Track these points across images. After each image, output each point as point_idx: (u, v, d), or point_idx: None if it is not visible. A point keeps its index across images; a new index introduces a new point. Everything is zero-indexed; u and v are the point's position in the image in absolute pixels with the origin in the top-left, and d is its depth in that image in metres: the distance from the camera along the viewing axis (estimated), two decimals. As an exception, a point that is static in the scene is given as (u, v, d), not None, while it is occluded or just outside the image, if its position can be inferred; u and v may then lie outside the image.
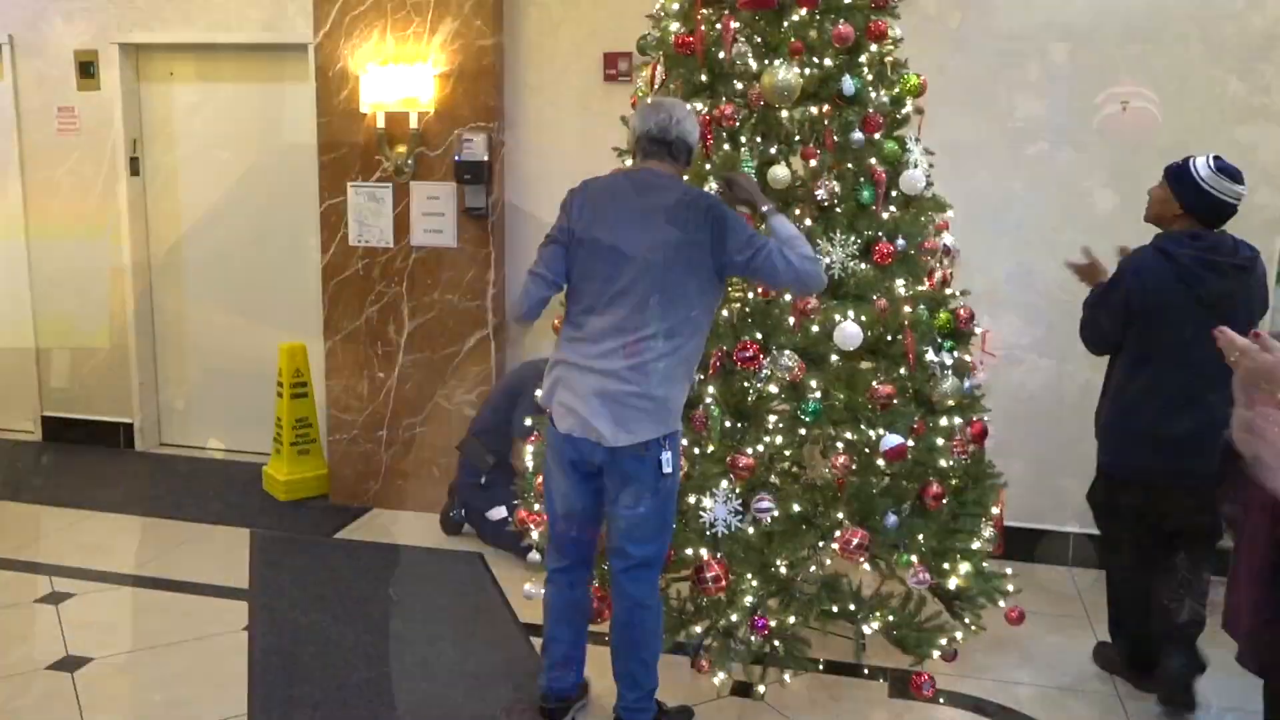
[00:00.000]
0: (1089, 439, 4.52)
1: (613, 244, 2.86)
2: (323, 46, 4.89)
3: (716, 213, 2.87)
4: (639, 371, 2.83)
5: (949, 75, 4.42)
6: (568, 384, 2.91)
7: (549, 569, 3.11)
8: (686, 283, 2.85)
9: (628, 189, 2.95)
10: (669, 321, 2.84)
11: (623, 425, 2.83)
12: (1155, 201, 3.41)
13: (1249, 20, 4.16)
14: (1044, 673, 3.64)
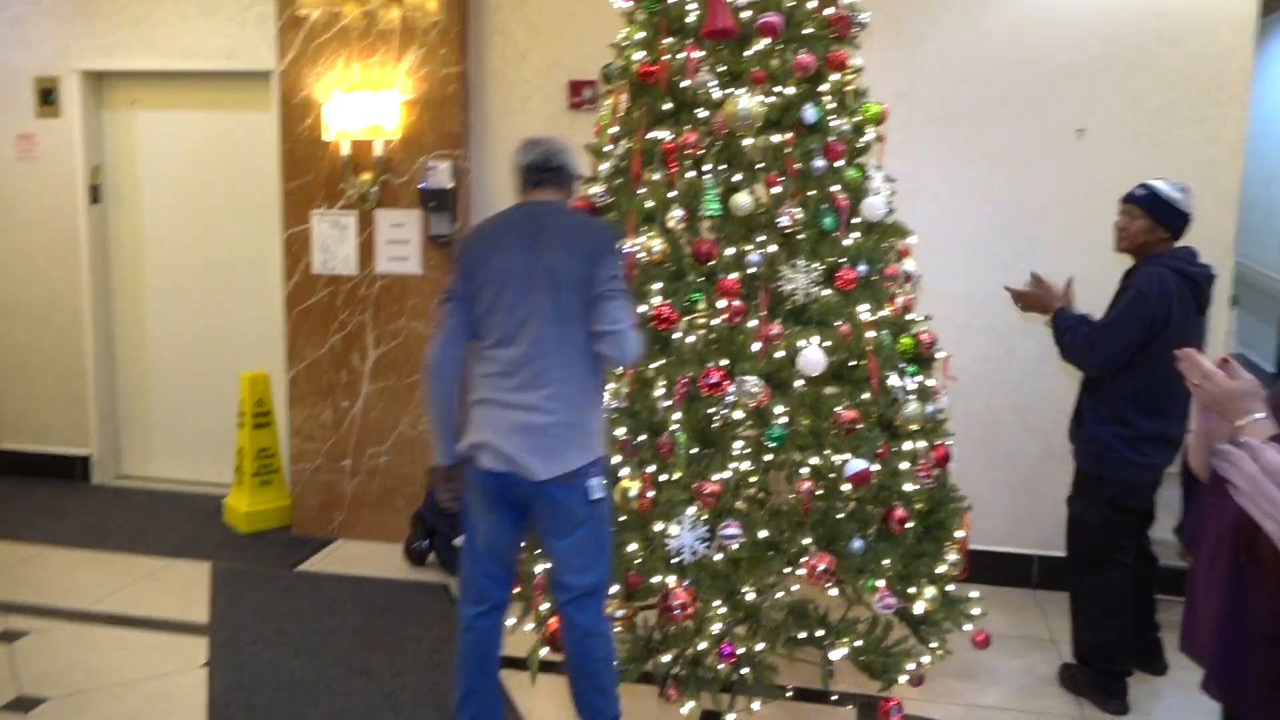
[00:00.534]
0: (1051, 461, 4.58)
1: (511, 274, 2.88)
2: (286, 74, 4.88)
3: (605, 238, 2.95)
4: (557, 399, 2.85)
5: (909, 103, 4.48)
6: (490, 422, 2.89)
7: (466, 616, 3.02)
8: (583, 306, 2.89)
9: (518, 219, 2.99)
10: (575, 345, 2.88)
11: (550, 457, 2.83)
12: (1136, 231, 3.54)
13: (1197, 49, 4.26)
14: (1011, 696, 3.66)
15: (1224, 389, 1.76)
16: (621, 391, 3.32)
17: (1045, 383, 4.54)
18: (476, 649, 3.03)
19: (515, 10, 4.86)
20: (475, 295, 2.94)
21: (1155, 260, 3.47)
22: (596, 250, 2.91)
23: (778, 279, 3.32)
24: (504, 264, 2.90)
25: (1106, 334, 3.44)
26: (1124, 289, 3.51)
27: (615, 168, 3.56)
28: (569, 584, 2.93)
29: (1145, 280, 3.42)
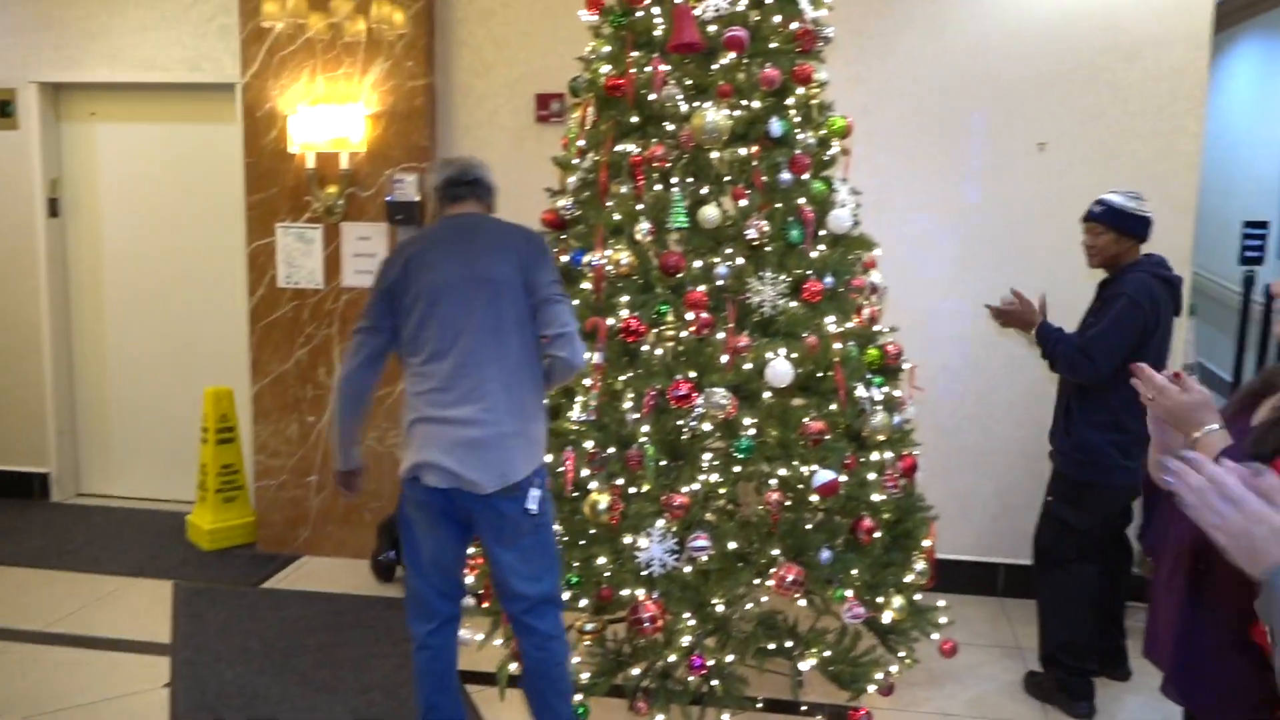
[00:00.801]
0: (1016, 470, 4.63)
1: (443, 287, 2.87)
2: (250, 86, 4.85)
3: (536, 243, 2.98)
4: (497, 411, 2.84)
5: (874, 117, 4.52)
6: (431, 440, 2.85)
7: (419, 635, 3.00)
8: (519, 313, 2.91)
9: (446, 233, 2.99)
10: (513, 354, 2.89)
11: (494, 469, 2.82)
12: (1105, 246, 3.61)
13: (1154, 65, 4.34)
14: (978, 704, 3.68)
15: (1177, 402, 1.77)
16: (590, 404, 3.31)
17: (1009, 393, 4.59)
18: (434, 666, 3.01)
19: (482, 24, 4.86)
20: (404, 312, 2.91)
21: (1135, 268, 3.56)
22: (532, 256, 2.94)
23: (745, 291, 3.34)
24: (435, 278, 2.88)
25: (1102, 342, 3.49)
26: (1112, 298, 3.54)
27: (583, 181, 3.57)
28: (523, 593, 2.92)
29: (1133, 286, 3.49)
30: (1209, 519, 1.15)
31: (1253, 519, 1.11)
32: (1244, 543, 1.12)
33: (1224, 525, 1.13)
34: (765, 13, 3.44)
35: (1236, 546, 1.13)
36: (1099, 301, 3.62)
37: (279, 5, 4.64)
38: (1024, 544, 4.66)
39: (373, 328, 2.97)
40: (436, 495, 2.86)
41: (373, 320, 2.97)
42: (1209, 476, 1.15)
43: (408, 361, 2.95)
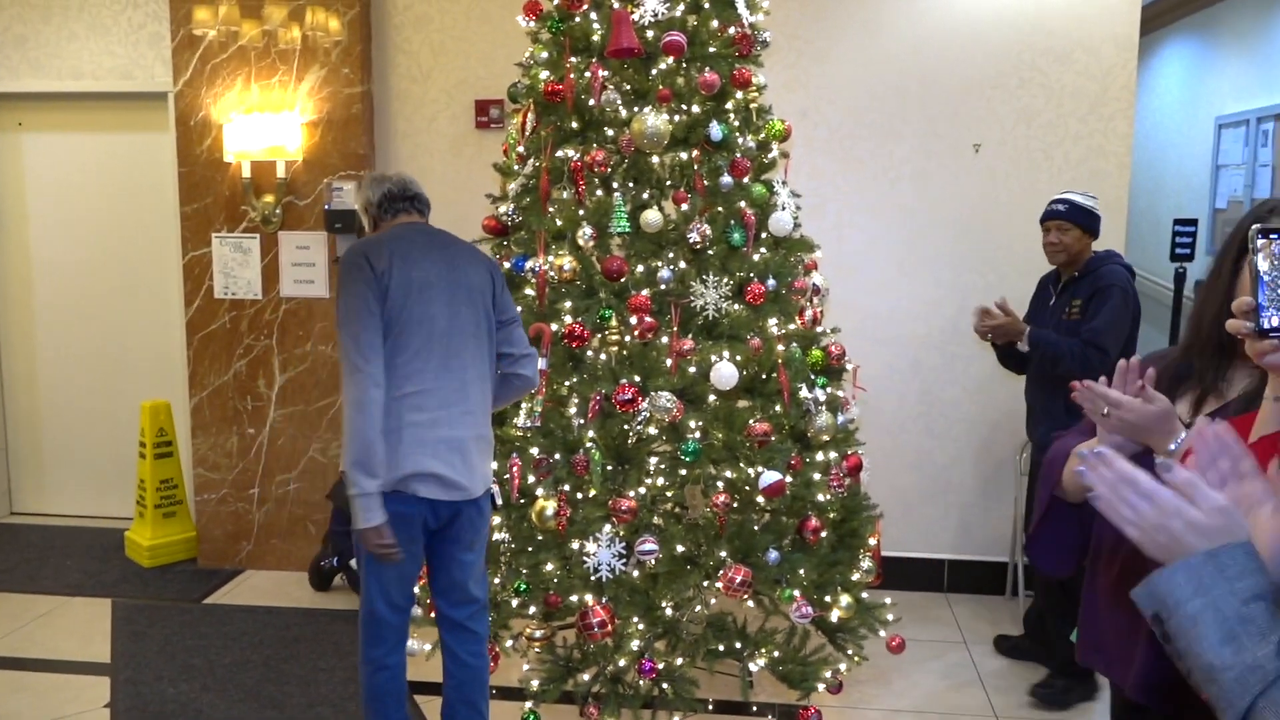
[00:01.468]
0: (958, 467, 4.70)
1: (432, 285, 2.84)
2: (183, 95, 4.76)
3: (494, 267, 3.02)
4: (477, 414, 2.88)
5: (812, 120, 4.57)
6: (422, 447, 2.76)
7: (378, 658, 2.92)
8: (490, 321, 2.96)
9: (419, 234, 2.95)
10: (485, 359, 2.93)
11: (480, 471, 2.89)
12: (1072, 243, 3.72)
13: (1085, 67, 4.43)
14: (926, 698, 3.73)
15: (1142, 414, 1.66)
16: (535, 410, 3.30)
17: (949, 391, 4.66)
18: (394, 684, 2.96)
19: (419, 30, 4.82)
20: (390, 304, 2.77)
21: (1106, 262, 3.68)
22: (497, 275, 3.00)
23: (688, 295, 3.35)
24: (422, 275, 2.82)
25: (1111, 333, 3.58)
26: (1101, 291, 3.61)
27: (524, 187, 3.55)
28: (477, 596, 2.98)
29: (1120, 279, 3.62)
30: (1123, 514, 1.16)
31: (1167, 513, 1.13)
32: (1160, 537, 1.13)
33: (1137, 520, 1.15)
34: (703, 18, 3.46)
35: (1152, 541, 1.15)
36: (1075, 298, 3.68)
37: (211, 13, 4.57)
38: (968, 540, 4.74)
39: (375, 322, 2.74)
40: (422, 506, 2.80)
41: (371, 315, 2.74)
42: (1119, 474, 1.17)
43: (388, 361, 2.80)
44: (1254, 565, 1.09)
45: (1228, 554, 1.09)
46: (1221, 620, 1.07)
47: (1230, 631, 1.06)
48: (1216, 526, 1.11)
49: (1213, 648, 1.07)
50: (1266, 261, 1.35)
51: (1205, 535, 1.11)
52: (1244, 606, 1.07)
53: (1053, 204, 3.74)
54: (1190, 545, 1.11)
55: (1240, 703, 1.05)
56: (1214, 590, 1.08)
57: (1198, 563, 1.10)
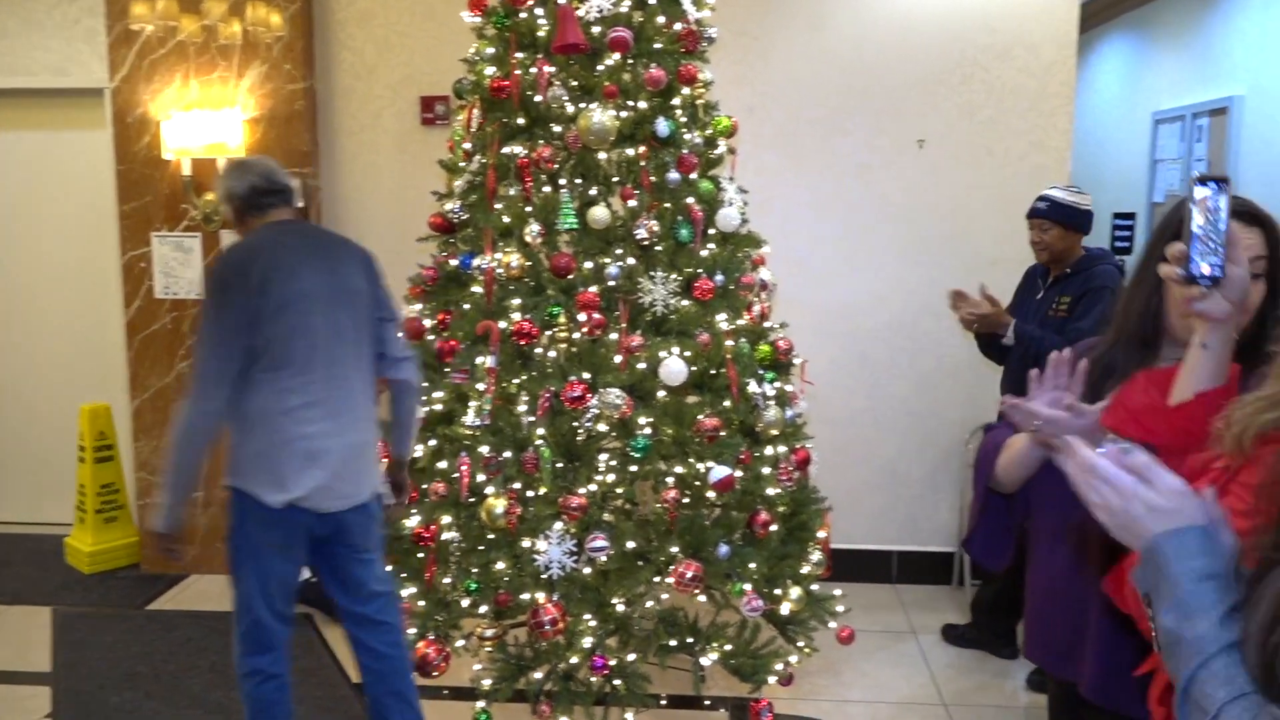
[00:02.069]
0: (905, 459, 4.75)
1: (311, 295, 2.77)
2: (120, 91, 4.67)
3: (371, 262, 2.99)
4: (363, 419, 2.88)
5: (759, 116, 4.59)
6: (312, 461, 2.75)
7: (264, 666, 2.89)
8: (371, 325, 2.93)
9: (295, 238, 2.87)
10: (367, 362, 2.92)
11: (367, 477, 2.90)
12: (1053, 241, 3.72)
13: (1025, 64, 4.50)
14: (875, 689, 3.77)
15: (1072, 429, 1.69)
16: (484, 408, 3.28)
17: (896, 384, 4.71)
18: (282, 693, 2.93)
19: (362, 26, 4.77)
20: (266, 323, 2.69)
21: (1099, 261, 3.70)
22: (375, 270, 2.97)
23: (637, 291, 3.35)
24: (302, 287, 2.75)
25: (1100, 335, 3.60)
26: (1092, 291, 3.62)
27: (470, 183, 3.53)
28: (381, 590, 3.00)
29: (1112, 279, 3.62)
30: (1091, 499, 1.21)
31: (1127, 497, 1.17)
32: (1123, 519, 1.18)
33: (1104, 505, 1.20)
34: (648, 13, 3.46)
35: (1117, 524, 1.19)
36: (1064, 295, 3.70)
37: (148, 7, 4.48)
38: (914, 531, 4.80)
39: (234, 351, 2.70)
40: (309, 516, 2.79)
41: (234, 341, 2.69)
42: (1081, 461, 1.21)
43: (265, 376, 2.73)
44: (1209, 546, 1.14)
45: (1186, 534, 1.14)
46: (1175, 596, 1.12)
47: (1183, 608, 1.11)
48: (1174, 508, 1.16)
49: (1167, 623, 1.12)
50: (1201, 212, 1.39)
51: (1163, 516, 1.16)
52: (1196, 585, 1.11)
53: (1036, 201, 3.73)
54: (1149, 527, 1.16)
55: (1183, 674, 1.09)
56: (1172, 568, 1.13)
57: (1158, 543, 1.15)
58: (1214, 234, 1.39)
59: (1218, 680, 1.06)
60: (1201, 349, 1.50)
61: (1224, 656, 1.07)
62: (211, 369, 2.68)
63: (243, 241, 2.85)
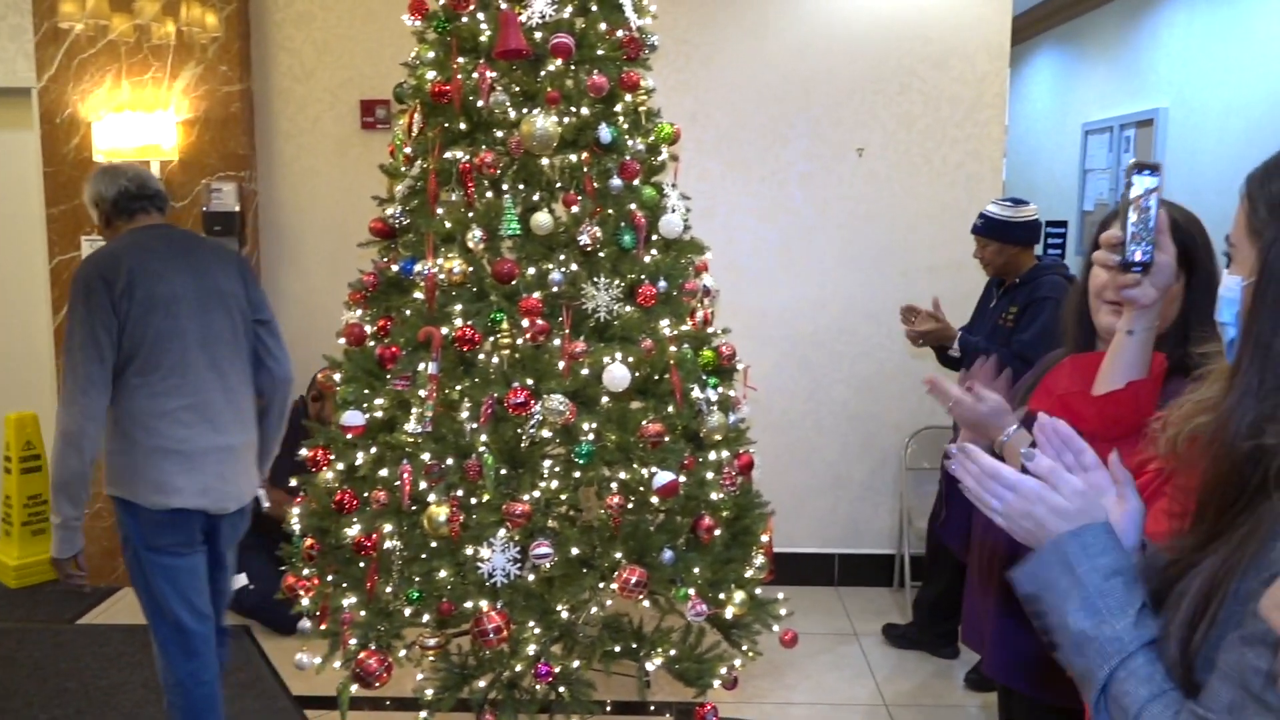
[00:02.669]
0: (845, 463, 4.80)
1: (181, 298, 2.79)
2: (48, 91, 4.55)
3: (246, 262, 3.05)
4: (243, 421, 2.92)
5: (701, 123, 4.62)
6: (191, 464, 2.78)
7: (192, 671, 2.89)
8: (246, 326, 2.96)
9: (162, 242, 2.88)
10: (244, 364, 2.95)
11: (248, 478, 2.95)
12: (991, 257, 3.82)
13: (960, 73, 4.59)
14: (818, 691, 3.80)
15: (974, 412, 1.87)
16: (426, 415, 3.25)
17: (837, 388, 4.76)
18: (214, 700, 2.92)
19: (301, 27, 4.70)
20: (134, 326, 2.70)
21: (1045, 271, 3.76)
22: (248, 273, 3.01)
23: (580, 297, 3.34)
24: (169, 289, 2.77)
25: (1042, 347, 3.61)
26: (1035, 302, 3.69)
27: (411, 188, 3.50)
28: (231, 590, 3.09)
29: (1054, 291, 3.68)
30: (990, 504, 1.23)
31: (1031, 500, 1.19)
32: (1026, 523, 1.20)
33: (1003, 510, 1.22)
34: (590, 20, 3.45)
35: (1020, 528, 1.21)
36: (1013, 305, 3.76)
37: (77, 5, 4.37)
38: (856, 533, 4.86)
39: (104, 354, 2.68)
40: (199, 518, 2.82)
41: (103, 343, 2.68)
42: (983, 467, 1.23)
43: (137, 380, 2.73)
44: (1113, 543, 1.16)
45: (1090, 533, 1.16)
46: (1084, 595, 1.13)
47: (1092, 605, 1.12)
48: (1077, 509, 1.18)
49: (1077, 621, 1.13)
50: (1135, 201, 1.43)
51: (1067, 518, 1.18)
52: (1104, 581, 1.13)
53: (976, 218, 3.85)
54: (1054, 528, 1.18)
55: (1100, 673, 1.11)
56: (1078, 567, 1.14)
57: (1063, 542, 1.16)
58: (1146, 221, 1.43)
59: (1138, 679, 1.08)
60: (1127, 336, 1.54)
61: (1142, 655, 1.09)
62: (82, 373, 2.66)
63: (108, 245, 2.84)
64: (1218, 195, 4.57)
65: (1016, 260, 3.79)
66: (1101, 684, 1.11)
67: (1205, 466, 1.12)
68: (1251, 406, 1.08)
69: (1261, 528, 1.02)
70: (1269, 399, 1.07)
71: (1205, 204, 2.43)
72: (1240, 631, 1.00)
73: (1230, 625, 1.02)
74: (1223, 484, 1.09)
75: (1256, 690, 0.96)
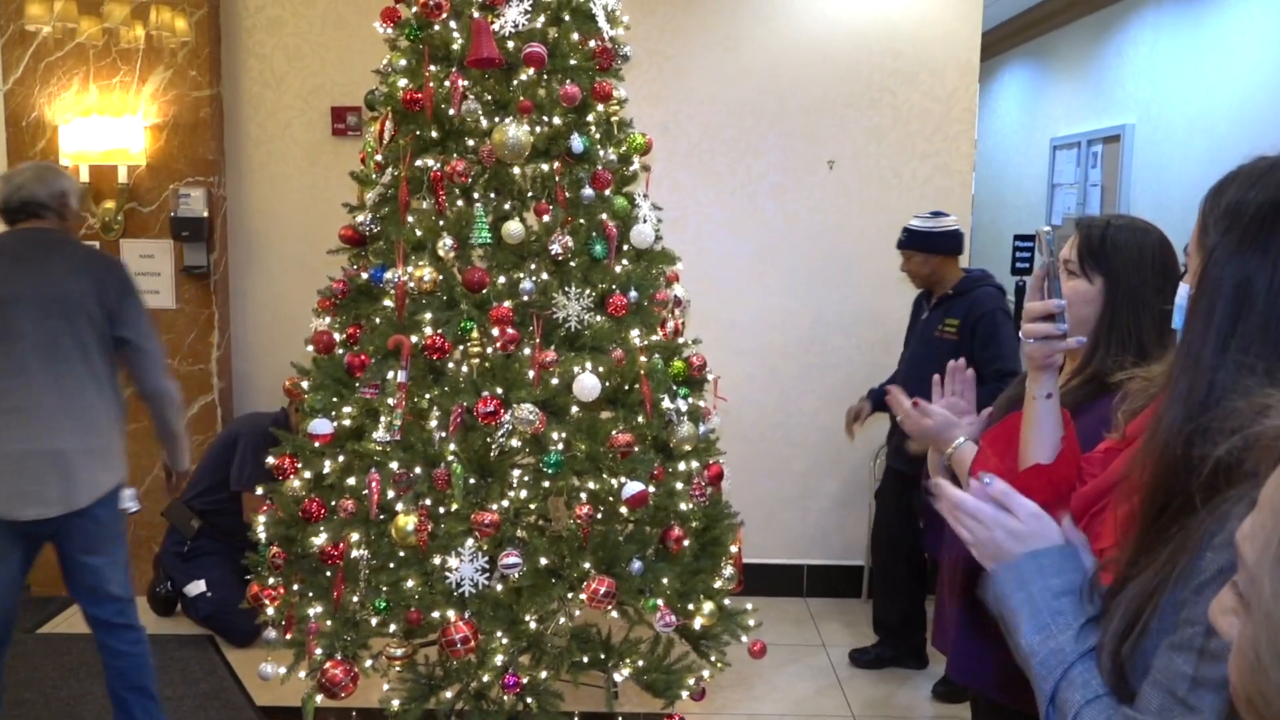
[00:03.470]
0: (815, 475, 4.82)
1: (18, 300, 2.81)
2: (13, 94, 4.50)
3: (119, 274, 3.00)
4: (85, 427, 2.89)
5: (673, 134, 4.63)
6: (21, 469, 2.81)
7: None
8: (97, 333, 2.93)
9: (19, 245, 2.94)
10: (94, 371, 2.92)
11: (82, 482, 2.89)
12: (917, 268, 3.88)
13: (930, 88, 4.63)
14: (785, 701, 3.81)
15: (920, 426, 1.95)
16: (394, 424, 3.23)
17: (806, 400, 4.78)
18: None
19: (272, 34, 4.68)
20: None
21: (976, 283, 3.80)
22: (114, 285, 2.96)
23: (551, 306, 3.34)
24: (14, 290, 2.80)
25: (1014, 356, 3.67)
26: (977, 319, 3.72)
27: (382, 196, 3.49)
28: (116, 595, 3.04)
29: (993, 301, 3.73)
30: (962, 535, 1.27)
31: (990, 525, 1.23)
32: (990, 549, 1.24)
33: (972, 539, 1.26)
34: (563, 30, 3.46)
35: (984, 554, 1.26)
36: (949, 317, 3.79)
37: (45, 8, 4.33)
38: (825, 544, 4.87)
39: None
40: (25, 523, 2.82)
41: None
42: (949, 500, 1.27)
43: None
44: (1067, 564, 1.20)
45: (1045, 555, 1.20)
46: (1036, 612, 1.17)
47: (1042, 622, 1.16)
48: (1032, 531, 1.22)
49: (1027, 636, 1.17)
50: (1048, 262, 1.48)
51: (1023, 540, 1.22)
52: (1055, 600, 1.17)
53: (900, 234, 3.91)
54: (1011, 550, 1.22)
55: (1047, 685, 1.15)
56: (1032, 586, 1.18)
57: (1019, 562, 1.21)
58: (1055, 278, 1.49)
59: (1074, 685, 1.12)
60: (1046, 400, 1.57)
61: (1080, 664, 1.13)
62: None
63: None
64: (1183, 211, 4.63)
65: (942, 270, 3.86)
66: (1049, 696, 1.15)
67: (1144, 472, 1.15)
68: (1180, 414, 1.11)
69: (1190, 540, 1.05)
70: (1197, 410, 1.09)
71: (1171, 219, 2.47)
72: (1170, 639, 1.03)
73: (1163, 634, 1.05)
74: (1156, 490, 1.12)
75: (1182, 693, 1.00)
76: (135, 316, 3.00)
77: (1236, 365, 1.07)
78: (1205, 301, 1.12)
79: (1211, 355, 1.09)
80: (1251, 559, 0.70)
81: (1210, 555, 1.01)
